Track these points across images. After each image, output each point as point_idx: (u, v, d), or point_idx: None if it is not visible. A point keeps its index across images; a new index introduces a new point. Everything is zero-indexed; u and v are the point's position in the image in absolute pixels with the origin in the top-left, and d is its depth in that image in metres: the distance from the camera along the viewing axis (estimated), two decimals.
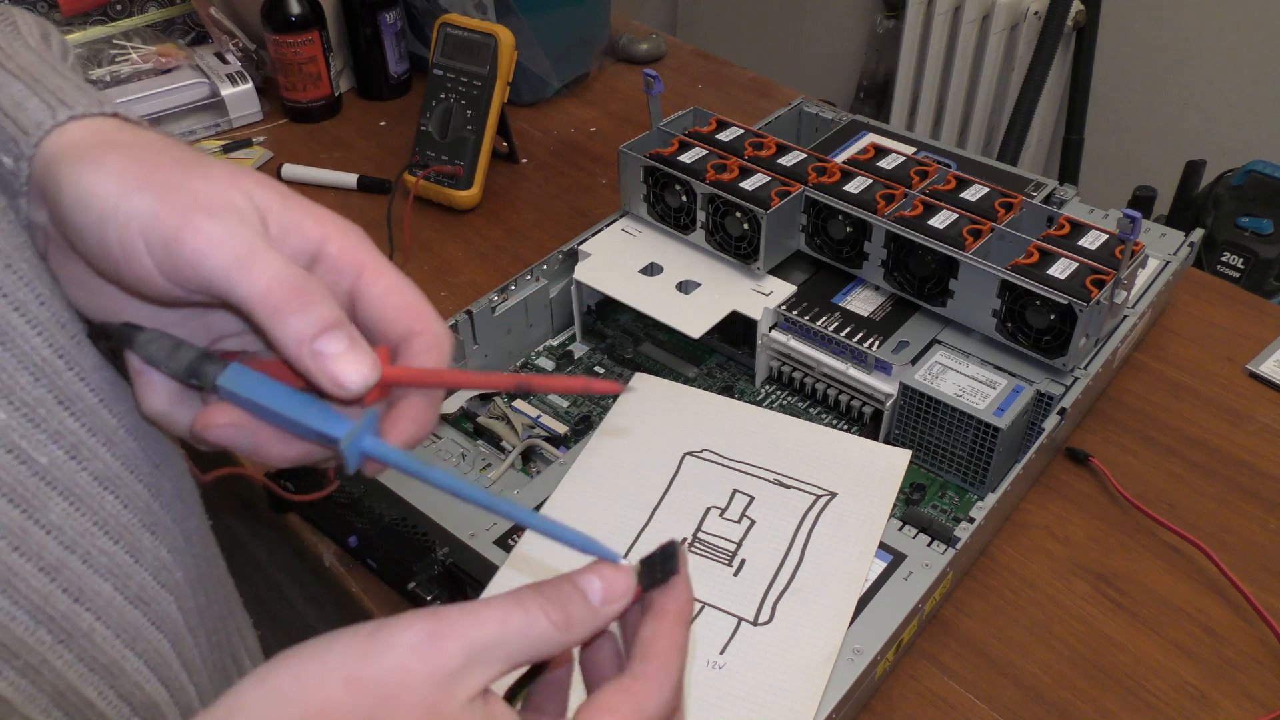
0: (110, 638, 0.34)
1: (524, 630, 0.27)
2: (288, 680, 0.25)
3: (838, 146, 0.94)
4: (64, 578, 0.32)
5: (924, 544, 0.62)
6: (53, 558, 0.32)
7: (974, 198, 0.78)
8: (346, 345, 0.30)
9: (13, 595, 0.30)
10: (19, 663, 0.31)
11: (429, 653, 0.26)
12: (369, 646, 0.26)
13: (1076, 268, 0.70)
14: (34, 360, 0.31)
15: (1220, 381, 0.82)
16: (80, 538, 0.32)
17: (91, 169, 0.30)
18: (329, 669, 0.25)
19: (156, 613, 0.36)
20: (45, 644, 0.32)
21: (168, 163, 0.31)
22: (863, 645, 0.57)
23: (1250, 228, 1.52)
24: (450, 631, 0.26)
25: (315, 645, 0.26)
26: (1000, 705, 0.60)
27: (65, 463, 0.32)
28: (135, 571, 0.35)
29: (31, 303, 0.31)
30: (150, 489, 0.36)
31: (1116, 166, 1.90)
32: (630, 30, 1.32)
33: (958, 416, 0.68)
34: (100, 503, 0.33)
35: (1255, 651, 0.63)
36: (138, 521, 0.35)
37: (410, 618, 0.26)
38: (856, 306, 0.77)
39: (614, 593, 0.30)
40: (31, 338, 0.31)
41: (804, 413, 0.77)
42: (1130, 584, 0.67)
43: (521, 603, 0.28)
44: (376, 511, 0.66)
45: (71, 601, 0.32)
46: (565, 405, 0.77)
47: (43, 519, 0.31)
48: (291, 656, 0.26)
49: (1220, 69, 1.73)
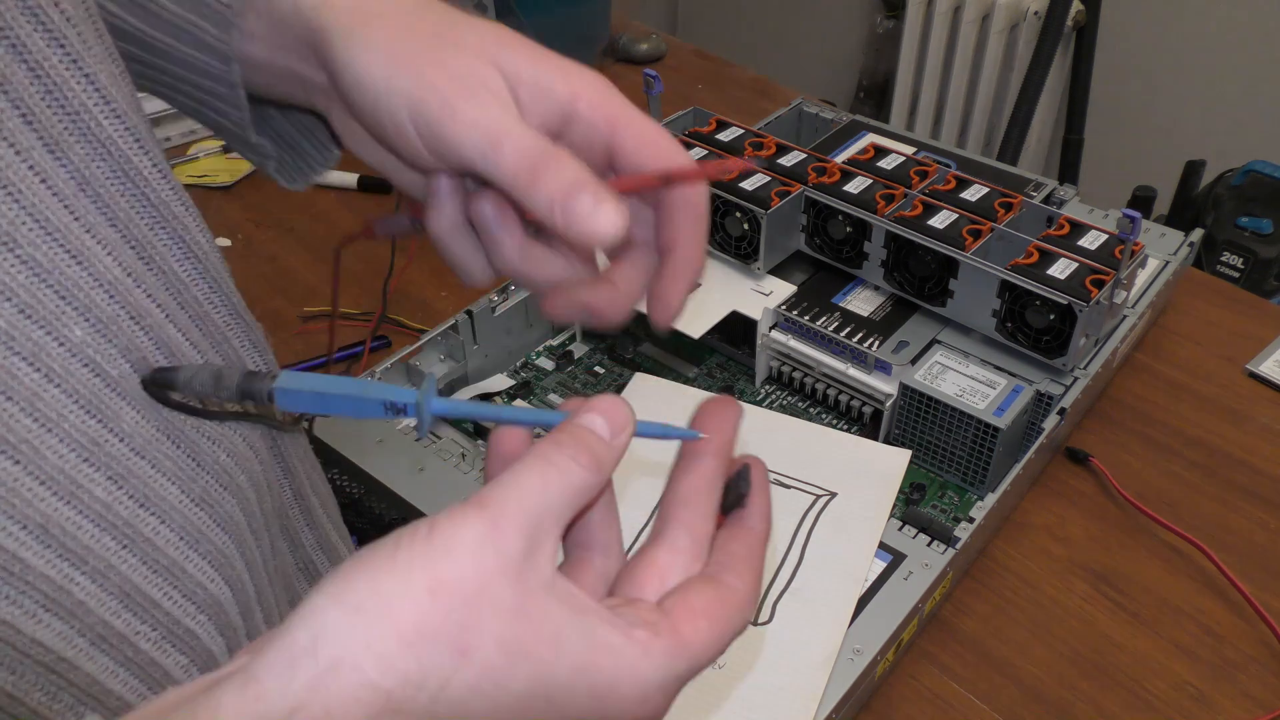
0: (174, 540, 0.35)
1: (564, 486, 0.27)
2: (368, 597, 0.24)
3: (838, 146, 0.94)
4: (131, 484, 0.33)
5: (924, 544, 0.62)
6: (122, 466, 0.33)
7: (974, 198, 0.78)
8: (592, 202, 0.32)
9: (78, 505, 0.31)
10: (88, 568, 0.32)
11: (497, 543, 0.25)
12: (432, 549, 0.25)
13: (1076, 268, 0.70)
14: (107, 278, 0.32)
15: (1220, 381, 0.82)
16: (148, 445, 0.34)
17: (360, 48, 0.33)
18: (408, 582, 0.24)
19: (220, 514, 0.37)
20: (110, 549, 0.32)
21: (426, 33, 0.34)
22: (863, 645, 0.57)
23: (1250, 228, 1.52)
24: (504, 514, 0.26)
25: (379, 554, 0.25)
26: (1000, 705, 0.61)
27: (131, 375, 0.33)
28: (199, 475, 0.36)
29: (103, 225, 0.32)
30: None
31: (1116, 166, 1.90)
32: (630, 30, 1.32)
33: (958, 416, 0.68)
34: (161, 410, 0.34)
35: (1255, 651, 0.63)
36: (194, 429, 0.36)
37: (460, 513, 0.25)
38: (856, 306, 0.77)
39: (619, 421, 0.30)
40: (103, 257, 0.32)
41: (804, 413, 0.77)
42: (1130, 584, 0.67)
43: (549, 459, 0.27)
44: (376, 511, 0.66)
45: (137, 507, 0.33)
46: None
47: (116, 427, 0.32)
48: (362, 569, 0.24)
49: (1220, 69, 1.73)
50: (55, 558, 0.31)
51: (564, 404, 0.31)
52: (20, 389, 0.29)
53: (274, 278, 0.93)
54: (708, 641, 0.28)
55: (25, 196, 0.29)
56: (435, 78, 0.33)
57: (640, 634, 0.27)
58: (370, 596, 0.24)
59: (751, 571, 0.30)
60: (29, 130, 0.30)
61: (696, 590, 0.29)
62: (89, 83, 0.32)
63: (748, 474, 0.33)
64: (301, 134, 0.44)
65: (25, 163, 0.29)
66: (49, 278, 0.30)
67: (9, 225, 0.29)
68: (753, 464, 0.33)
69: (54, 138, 0.31)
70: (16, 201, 0.29)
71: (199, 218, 0.38)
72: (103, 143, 0.33)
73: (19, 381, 0.29)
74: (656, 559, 0.30)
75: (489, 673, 0.25)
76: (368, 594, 0.24)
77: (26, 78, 0.30)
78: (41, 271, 0.30)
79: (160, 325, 0.34)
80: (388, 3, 0.35)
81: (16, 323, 0.29)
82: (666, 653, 0.27)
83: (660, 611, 0.28)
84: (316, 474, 0.49)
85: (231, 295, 0.39)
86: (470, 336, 0.77)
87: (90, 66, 0.32)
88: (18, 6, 0.29)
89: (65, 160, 0.31)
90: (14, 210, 0.29)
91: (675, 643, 0.27)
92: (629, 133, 0.34)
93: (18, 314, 0.29)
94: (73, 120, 0.31)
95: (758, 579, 0.31)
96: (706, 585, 0.29)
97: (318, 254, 0.96)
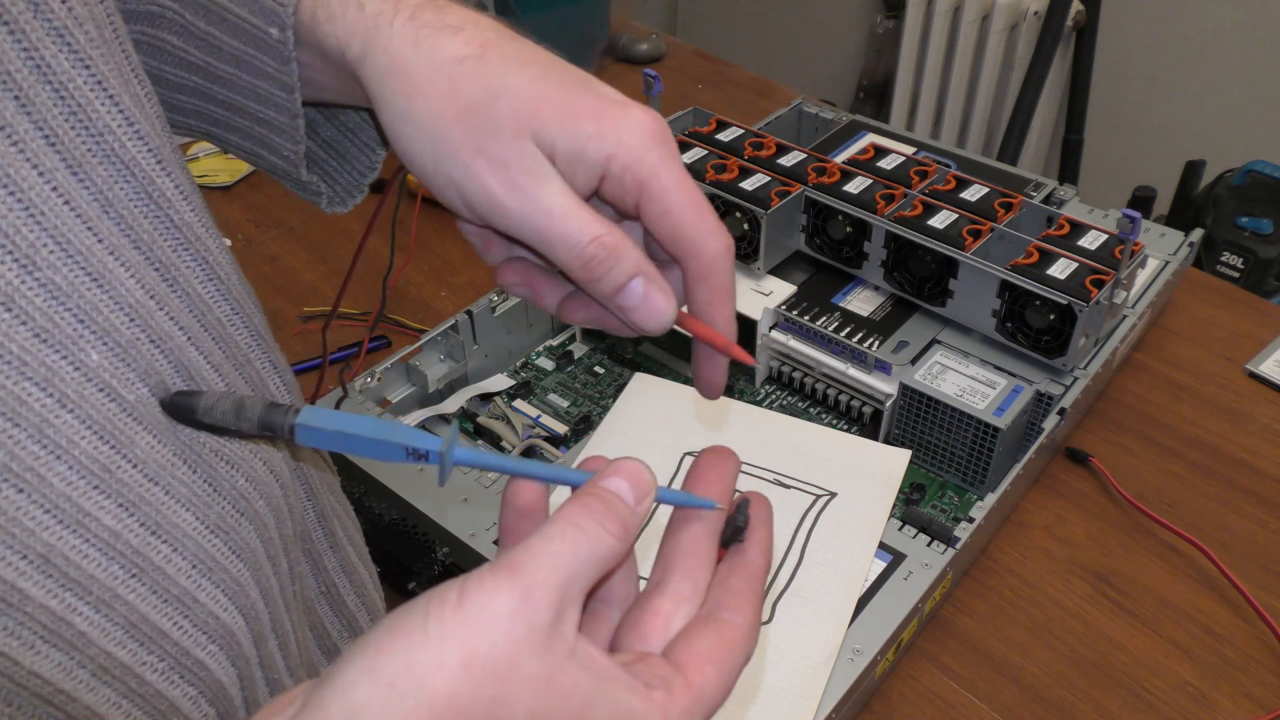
0: (186, 568, 0.34)
1: (592, 553, 0.27)
2: (402, 673, 0.24)
3: (838, 146, 0.94)
4: (142, 511, 0.33)
5: (924, 544, 0.62)
6: (134, 493, 0.32)
7: (974, 198, 0.78)
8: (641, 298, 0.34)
9: (84, 534, 0.31)
10: (92, 598, 0.32)
11: (527, 614, 0.25)
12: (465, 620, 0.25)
13: (1076, 268, 0.70)
14: (129, 301, 0.32)
15: (1220, 381, 0.82)
16: (162, 470, 0.33)
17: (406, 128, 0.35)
18: (442, 655, 0.24)
19: (236, 541, 0.36)
20: (117, 578, 0.32)
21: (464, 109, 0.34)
22: (863, 645, 0.57)
23: (1250, 228, 1.52)
24: (535, 583, 0.26)
25: (410, 623, 0.25)
26: (1000, 705, 0.60)
27: (149, 399, 0.33)
28: (215, 501, 0.35)
29: (126, 247, 0.32)
30: None
31: (1116, 166, 1.90)
32: (630, 30, 1.32)
33: (957, 416, 0.68)
34: (179, 434, 0.34)
35: (1255, 651, 0.63)
36: (212, 453, 0.36)
37: (491, 579, 0.25)
38: (856, 306, 0.77)
39: (643, 488, 0.30)
40: (126, 280, 0.32)
41: (804, 413, 0.77)
42: (1130, 584, 0.67)
43: (578, 525, 0.27)
44: (376, 511, 0.66)
45: (148, 534, 0.33)
46: (565, 405, 0.77)
47: (129, 453, 0.32)
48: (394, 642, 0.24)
49: (1220, 69, 1.73)
50: (57, 587, 0.30)
51: (585, 463, 0.31)
52: (29, 415, 0.29)
53: (274, 278, 0.93)
54: (717, 688, 0.29)
55: (47, 218, 0.29)
56: (479, 169, 0.34)
57: (658, 696, 0.27)
58: (404, 671, 0.24)
59: (751, 607, 0.31)
60: (52, 151, 0.30)
61: (699, 636, 0.29)
62: (113, 104, 0.32)
63: (746, 509, 0.33)
64: (346, 136, 0.45)
65: (48, 184, 0.29)
66: (68, 300, 0.30)
67: (29, 247, 0.29)
68: (753, 499, 0.33)
69: (77, 159, 0.31)
70: (38, 223, 0.29)
71: (220, 239, 0.38)
72: (126, 164, 0.33)
73: (28, 407, 0.29)
74: (661, 608, 0.30)
75: None
76: (401, 668, 0.24)
77: (51, 99, 0.30)
78: (60, 294, 0.30)
79: (181, 348, 0.34)
80: (427, 68, 0.35)
81: (30, 347, 0.29)
82: (684, 712, 0.28)
83: (672, 667, 0.28)
84: (337, 493, 0.49)
85: (253, 317, 0.39)
86: (470, 336, 0.77)
87: (115, 89, 0.32)
88: (44, 28, 0.29)
89: (88, 182, 0.31)
90: (35, 232, 0.29)
91: (688, 697, 0.28)
92: (655, 200, 0.35)
93: (32, 338, 0.29)
94: (96, 142, 0.31)
95: (757, 613, 0.31)
96: (708, 629, 0.30)
97: (318, 254, 0.96)
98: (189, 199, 0.36)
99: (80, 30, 0.31)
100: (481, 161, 0.34)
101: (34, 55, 0.29)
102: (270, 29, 0.38)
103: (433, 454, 0.30)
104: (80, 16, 0.31)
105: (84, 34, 0.31)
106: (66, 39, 0.30)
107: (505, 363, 0.81)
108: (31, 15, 0.29)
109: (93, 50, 0.31)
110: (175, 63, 0.41)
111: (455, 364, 0.77)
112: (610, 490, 0.29)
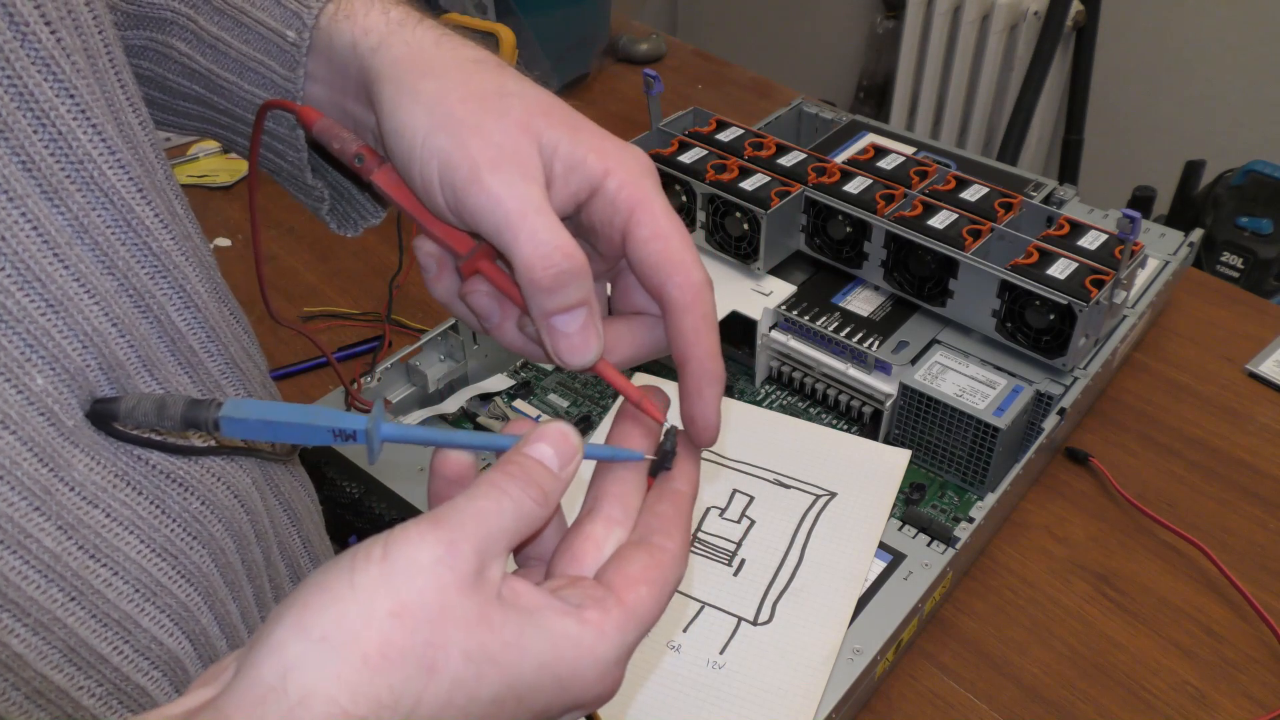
0: (129, 592, 0.34)
1: (515, 515, 0.28)
2: (332, 626, 0.24)
3: (837, 146, 0.94)
4: (80, 534, 0.33)
5: (924, 544, 0.62)
6: (72, 515, 0.32)
7: (974, 198, 0.78)
8: (579, 328, 0.33)
9: (24, 555, 0.31)
10: (30, 619, 0.31)
11: (452, 561, 0.26)
12: (392, 571, 0.25)
13: (1076, 268, 0.70)
14: (85, 329, 0.32)
15: (1220, 381, 0.82)
16: (102, 493, 0.33)
17: (407, 98, 0.34)
18: (371, 607, 0.25)
19: (185, 566, 0.36)
20: (56, 601, 0.32)
21: (473, 96, 0.34)
22: (863, 645, 0.57)
23: (1250, 228, 1.52)
24: (460, 535, 0.26)
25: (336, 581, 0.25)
26: (1000, 705, 0.61)
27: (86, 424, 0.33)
28: (162, 524, 0.35)
29: (98, 273, 0.33)
30: None
31: (1116, 166, 1.90)
32: (630, 30, 1.32)
33: (957, 416, 0.68)
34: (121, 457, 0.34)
35: (1255, 651, 0.63)
36: (163, 475, 0.35)
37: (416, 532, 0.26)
38: (856, 306, 0.77)
39: (567, 454, 0.31)
40: (88, 307, 0.32)
41: (804, 413, 0.77)
42: (1130, 584, 0.67)
43: (502, 489, 0.28)
44: (376, 511, 0.66)
45: (87, 558, 0.33)
46: (565, 405, 0.77)
47: (67, 476, 0.32)
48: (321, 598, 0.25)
49: (1220, 69, 1.73)
50: None
51: (510, 427, 0.32)
52: None
53: (274, 278, 0.93)
54: (651, 606, 0.30)
55: (7, 243, 0.30)
56: (471, 142, 0.33)
57: (591, 614, 0.28)
58: (334, 625, 0.24)
59: (680, 530, 0.32)
60: (27, 177, 0.30)
61: (631, 557, 0.31)
62: (95, 133, 0.32)
63: (674, 435, 0.34)
64: (355, 182, 0.45)
65: (18, 209, 0.30)
66: (18, 326, 0.30)
67: None
68: (678, 430, 0.35)
69: (54, 185, 0.31)
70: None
71: (200, 266, 0.38)
72: (105, 192, 0.33)
73: None
74: (593, 533, 0.32)
75: (459, 685, 0.25)
76: (331, 623, 0.24)
77: (30, 125, 0.30)
78: (11, 319, 0.30)
79: (132, 376, 0.34)
80: (445, 58, 0.35)
81: None
82: (618, 628, 0.29)
83: (604, 588, 0.29)
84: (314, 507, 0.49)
85: (230, 344, 0.39)
86: (470, 336, 0.77)
87: (99, 118, 0.32)
88: (29, 57, 0.30)
89: (64, 208, 0.31)
90: None
91: (623, 615, 0.29)
92: (645, 223, 0.34)
93: None
94: (76, 169, 0.32)
95: (686, 537, 0.32)
96: (640, 551, 0.31)
97: (318, 254, 0.96)
98: (169, 227, 0.36)
99: (67, 60, 0.31)
100: (477, 138, 0.33)
101: (16, 83, 0.30)
102: (287, 31, 0.38)
103: (360, 433, 0.31)
104: (69, 47, 0.31)
105: (70, 64, 0.31)
106: (52, 68, 0.31)
107: (505, 363, 0.81)
108: (18, 45, 0.30)
109: (78, 80, 0.31)
110: (179, 70, 0.41)
111: (455, 364, 0.77)
112: (532, 457, 0.30)
